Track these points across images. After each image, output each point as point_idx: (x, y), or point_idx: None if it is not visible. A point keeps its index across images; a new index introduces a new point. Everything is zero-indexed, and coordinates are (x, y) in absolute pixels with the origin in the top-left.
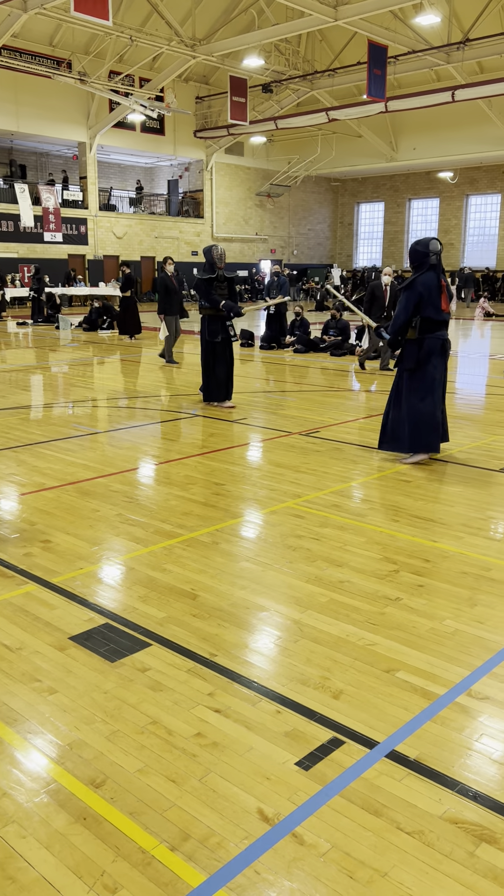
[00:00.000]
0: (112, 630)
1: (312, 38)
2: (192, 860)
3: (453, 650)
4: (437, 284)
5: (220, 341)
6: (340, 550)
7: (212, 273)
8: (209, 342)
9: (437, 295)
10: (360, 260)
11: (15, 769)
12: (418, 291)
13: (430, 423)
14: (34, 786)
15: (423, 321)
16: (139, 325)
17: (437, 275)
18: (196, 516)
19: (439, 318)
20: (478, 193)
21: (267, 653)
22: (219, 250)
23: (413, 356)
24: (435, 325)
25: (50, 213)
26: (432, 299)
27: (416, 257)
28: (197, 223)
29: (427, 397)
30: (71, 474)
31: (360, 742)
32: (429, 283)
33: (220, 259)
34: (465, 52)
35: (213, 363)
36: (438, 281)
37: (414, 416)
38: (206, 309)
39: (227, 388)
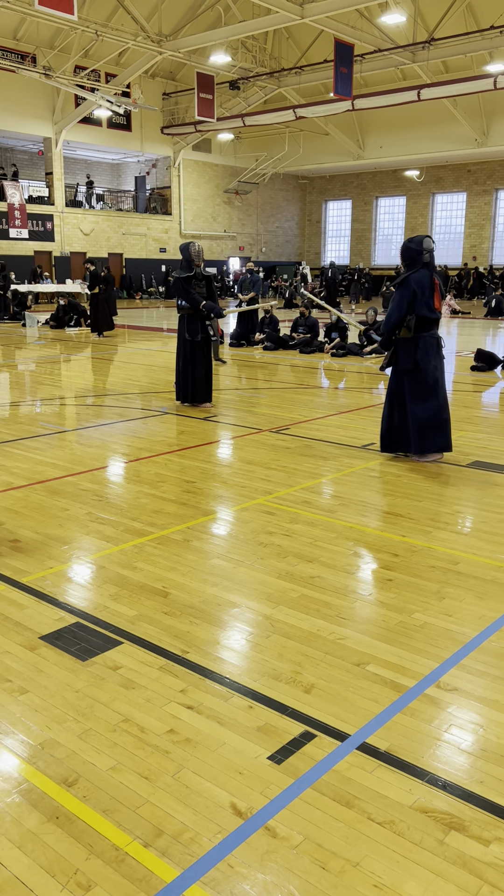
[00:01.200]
0: (83, 629)
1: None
2: (165, 856)
3: (422, 643)
4: (430, 283)
5: (200, 341)
6: (311, 546)
7: (189, 271)
8: (189, 342)
9: (430, 293)
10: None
11: None
12: (412, 289)
13: (436, 423)
14: (5, 786)
15: (417, 320)
16: (111, 322)
17: (430, 273)
18: (167, 514)
19: (433, 317)
20: (444, 192)
21: (239, 649)
22: (196, 247)
23: (410, 357)
24: (429, 324)
25: (15, 209)
26: (426, 297)
27: (410, 255)
28: (165, 220)
29: (430, 399)
30: (39, 473)
31: (331, 735)
32: (422, 281)
33: (197, 256)
34: (430, 52)
35: (192, 364)
36: (431, 279)
37: (418, 419)
38: (185, 308)
39: (205, 389)
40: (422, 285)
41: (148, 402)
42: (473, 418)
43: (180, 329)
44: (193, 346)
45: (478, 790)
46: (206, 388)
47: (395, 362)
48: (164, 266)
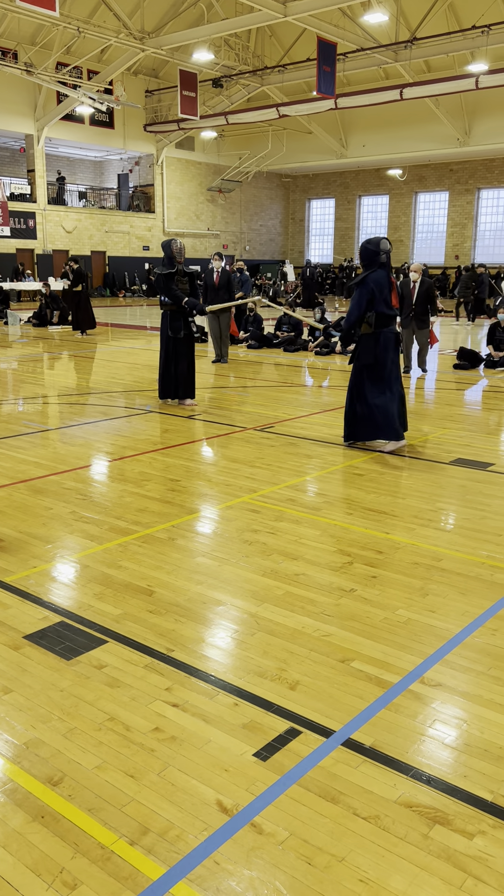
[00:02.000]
0: (67, 628)
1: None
2: (151, 853)
3: (406, 639)
4: (387, 281)
5: (183, 338)
6: (296, 544)
7: (171, 268)
8: (171, 339)
9: (387, 291)
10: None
11: None
12: (370, 288)
13: (393, 412)
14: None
15: (377, 316)
16: (93, 321)
17: (386, 272)
18: (152, 513)
19: (390, 313)
20: (426, 191)
21: (224, 646)
22: (178, 244)
23: (371, 351)
24: (387, 319)
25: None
26: (383, 295)
27: (367, 256)
28: (148, 218)
29: (386, 391)
30: (22, 472)
31: (316, 731)
32: (380, 280)
33: (179, 253)
34: (412, 51)
35: (175, 360)
36: (388, 278)
37: (380, 408)
38: (167, 305)
39: (188, 385)
40: (380, 284)
41: (132, 401)
42: (456, 416)
43: (163, 326)
44: (176, 342)
45: (462, 784)
46: (190, 384)
47: (357, 357)
48: (147, 264)
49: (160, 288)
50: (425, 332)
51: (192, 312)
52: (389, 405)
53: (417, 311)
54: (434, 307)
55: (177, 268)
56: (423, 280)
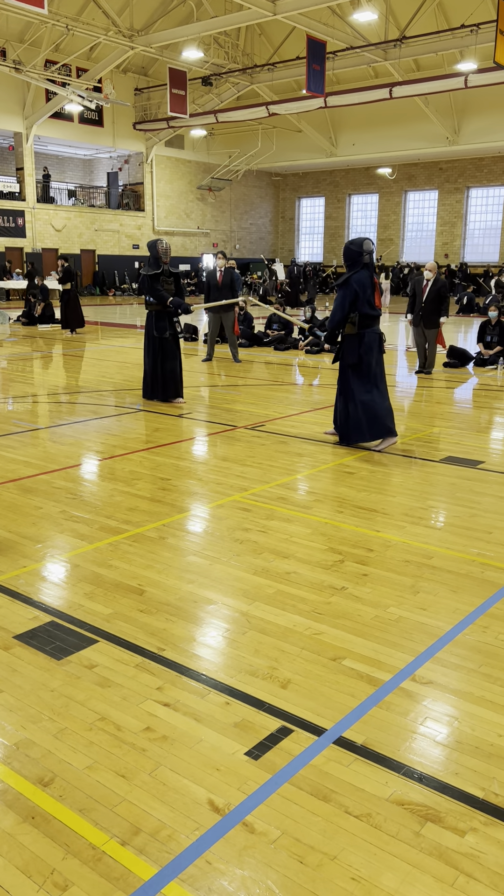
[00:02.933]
0: (58, 628)
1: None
2: (143, 853)
3: (397, 637)
4: (370, 282)
5: (168, 337)
6: (286, 542)
7: (157, 268)
8: (157, 339)
9: (370, 292)
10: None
11: None
12: (353, 289)
13: (385, 410)
14: None
15: (360, 317)
16: (82, 319)
17: (370, 273)
18: (142, 512)
19: (374, 313)
20: (416, 189)
21: (215, 645)
22: (163, 245)
23: (355, 351)
24: (371, 320)
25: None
26: (367, 296)
27: (351, 257)
28: (138, 216)
29: (373, 389)
30: (12, 471)
31: (308, 730)
32: (363, 281)
33: (164, 254)
34: (401, 50)
35: (161, 360)
36: (371, 279)
37: (367, 408)
38: (153, 305)
39: (177, 384)
40: (363, 285)
41: (122, 400)
42: (446, 414)
43: (148, 326)
44: (163, 342)
45: (453, 782)
46: (177, 383)
47: (342, 357)
48: (136, 262)
49: (145, 288)
50: (434, 332)
51: (177, 312)
52: (377, 402)
53: (427, 311)
54: (446, 307)
55: (162, 268)
56: (436, 279)
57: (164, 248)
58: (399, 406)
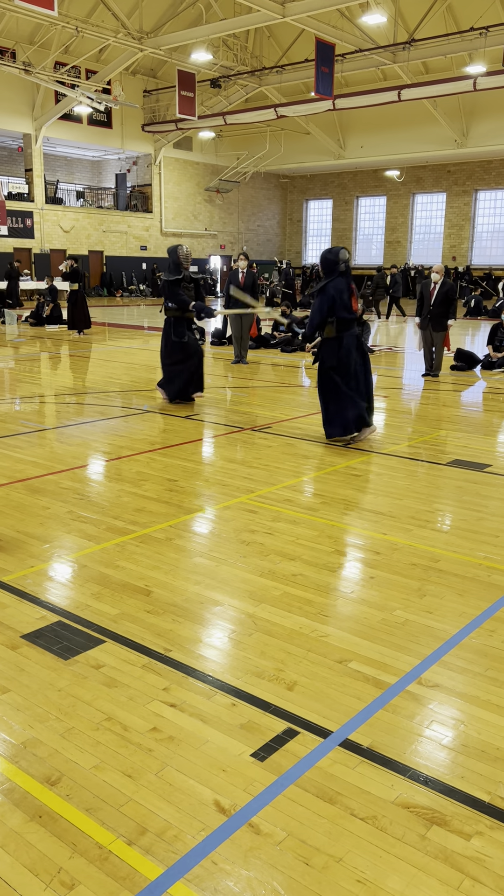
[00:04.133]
0: (65, 628)
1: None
2: (149, 853)
3: (404, 640)
4: (346, 288)
5: (188, 341)
6: (293, 544)
7: (178, 274)
8: (177, 342)
9: (347, 297)
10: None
11: None
12: (330, 295)
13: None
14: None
15: (338, 321)
16: (89, 320)
17: (346, 280)
18: (149, 513)
19: (350, 317)
20: (424, 192)
21: (221, 647)
22: (184, 250)
23: (334, 354)
24: (348, 323)
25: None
26: (343, 301)
27: (327, 265)
28: (146, 218)
29: (353, 386)
30: (20, 471)
31: (314, 732)
32: (340, 288)
33: (185, 259)
34: (410, 53)
35: (184, 360)
36: (348, 284)
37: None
38: (173, 310)
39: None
40: (339, 291)
41: (129, 401)
42: (453, 417)
43: (166, 331)
44: (183, 345)
45: (459, 785)
46: (199, 379)
47: (322, 360)
48: (144, 264)
49: (166, 294)
50: (441, 335)
51: (199, 316)
52: (357, 399)
53: (435, 313)
54: (453, 310)
55: (183, 273)
56: (444, 281)
57: (185, 253)
58: (406, 409)
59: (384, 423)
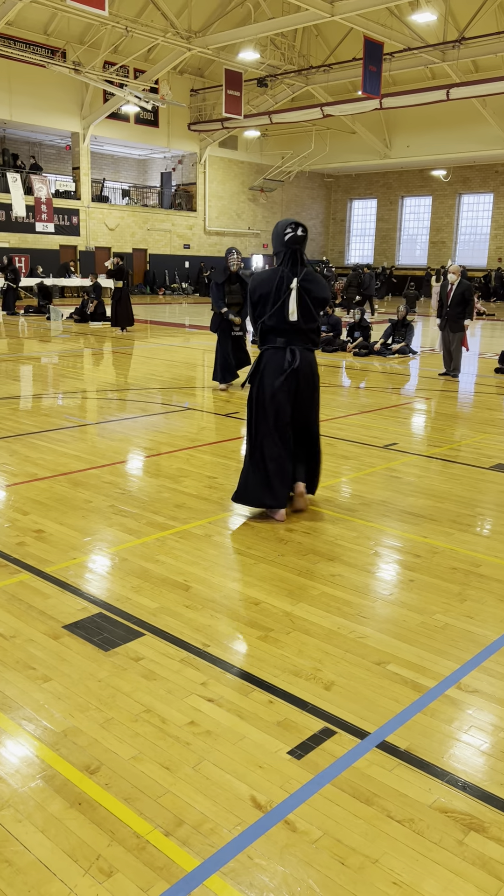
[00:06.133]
0: (105, 619)
1: (308, 32)
2: (186, 845)
3: (443, 644)
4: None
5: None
6: (331, 545)
7: (223, 277)
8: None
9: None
10: (351, 257)
11: (10, 755)
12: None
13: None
14: (29, 771)
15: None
16: (132, 318)
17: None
18: (188, 509)
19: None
20: (470, 192)
21: (259, 644)
22: (234, 255)
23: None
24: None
25: (42, 203)
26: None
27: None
28: (189, 216)
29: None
30: (63, 465)
31: (351, 732)
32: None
33: (233, 264)
34: (460, 51)
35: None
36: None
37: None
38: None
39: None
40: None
41: (170, 398)
42: (497, 421)
43: (214, 322)
44: (227, 334)
45: (497, 792)
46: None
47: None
48: (187, 262)
49: (211, 294)
50: (459, 335)
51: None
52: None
53: (452, 314)
54: (470, 310)
55: (228, 276)
56: (460, 282)
57: (234, 258)
58: (447, 411)
59: (424, 424)
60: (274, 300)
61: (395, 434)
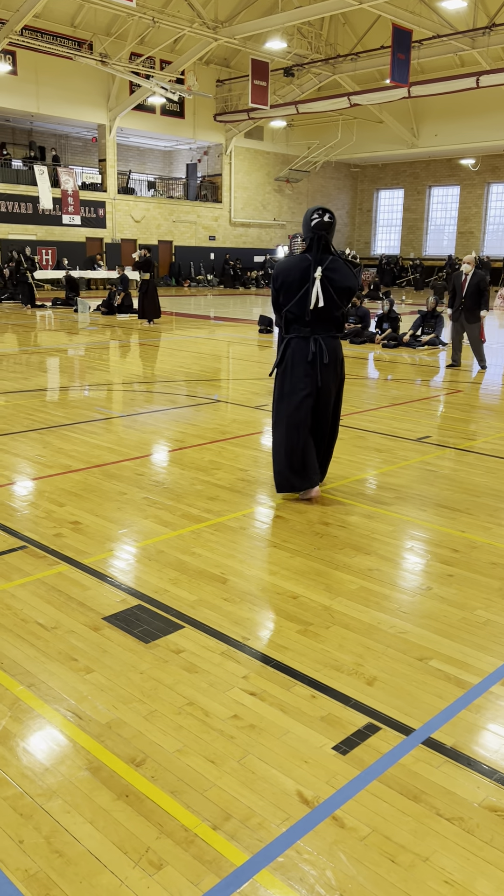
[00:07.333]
0: (145, 611)
1: (335, 21)
2: (234, 839)
3: (486, 640)
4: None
5: None
6: (368, 538)
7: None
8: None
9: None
10: (378, 247)
11: (56, 745)
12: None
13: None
14: (75, 762)
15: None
16: (159, 310)
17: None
18: (223, 501)
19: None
20: (499, 182)
21: (299, 638)
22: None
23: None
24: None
25: (69, 195)
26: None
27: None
28: (215, 208)
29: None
30: (96, 457)
31: (396, 728)
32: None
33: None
34: (490, 38)
35: None
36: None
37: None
38: None
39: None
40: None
41: (200, 390)
42: None
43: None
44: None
45: None
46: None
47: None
48: (212, 254)
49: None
50: (476, 326)
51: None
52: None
53: (468, 305)
54: (486, 300)
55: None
56: (475, 272)
57: (299, 244)
58: (481, 404)
59: (457, 417)
60: (297, 288)
61: (428, 427)
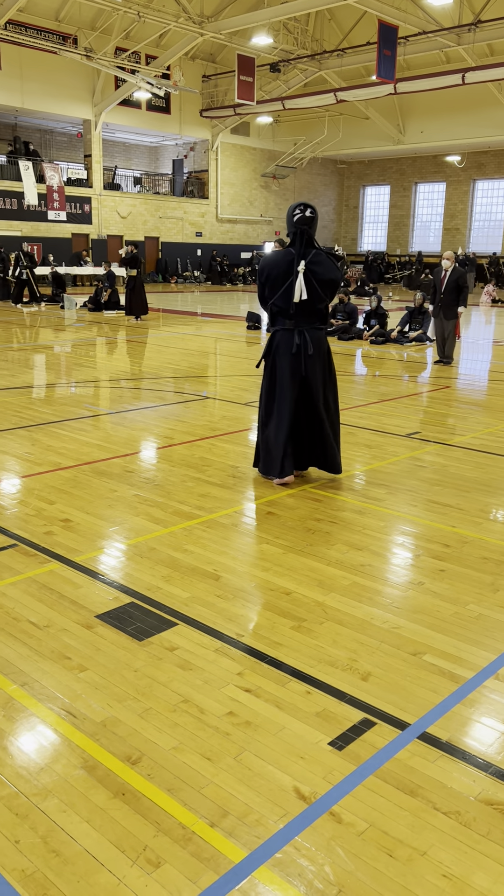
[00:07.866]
0: (137, 609)
1: (321, 16)
2: (232, 836)
3: (478, 634)
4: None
5: None
6: (359, 534)
7: None
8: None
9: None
10: (364, 244)
11: (50, 744)
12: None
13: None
14: (71, 761)
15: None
16: (146, 306)
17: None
18: (214, 498)
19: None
20: (485, 178)
21: (293, 634)
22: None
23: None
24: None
25: (54, 191)
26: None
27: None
28: (202, 204)
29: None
30: (86, 454)
31: (391, 723)
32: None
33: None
34: (475, 34)
35: None
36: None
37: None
38: None
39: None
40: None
41: (188, 387)
42: None
43: None
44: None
45: None
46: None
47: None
48: (199, 250)
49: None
50: (452, 323)
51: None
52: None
53: (446, 301)
54: (464, 297)
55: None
56: (454, 269)
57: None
58: (469, 400)
59: (445, 413)
60: (282, 282)
61: (417, 423)
